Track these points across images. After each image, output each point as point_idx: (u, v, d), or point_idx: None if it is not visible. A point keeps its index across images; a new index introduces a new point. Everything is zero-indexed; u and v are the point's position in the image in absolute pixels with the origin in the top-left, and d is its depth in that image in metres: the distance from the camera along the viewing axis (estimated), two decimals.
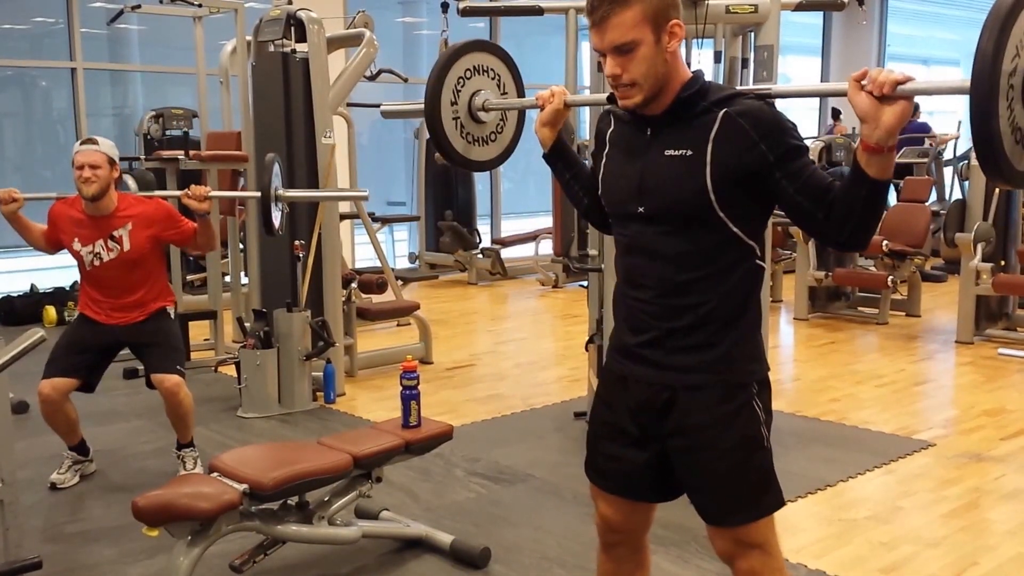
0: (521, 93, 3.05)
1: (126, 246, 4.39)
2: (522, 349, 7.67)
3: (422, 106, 2.88)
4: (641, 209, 2.25)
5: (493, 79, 2.97)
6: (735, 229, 2.20)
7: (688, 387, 2.25)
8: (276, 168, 4.85)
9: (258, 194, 4.88)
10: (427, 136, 10.27)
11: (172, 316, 4.60)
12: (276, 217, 4.86)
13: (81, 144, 4.38)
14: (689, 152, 2.17)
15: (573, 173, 2.62)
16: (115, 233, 4.38)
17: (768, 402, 2.31)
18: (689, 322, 2.24)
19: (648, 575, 2.63)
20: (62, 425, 4.49)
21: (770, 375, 2.35)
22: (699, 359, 2.24)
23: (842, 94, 2.01)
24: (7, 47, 10.14)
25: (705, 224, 2.19)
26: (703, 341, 2.24)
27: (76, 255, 4.46)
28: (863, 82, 1.96)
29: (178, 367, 4.50)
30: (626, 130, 2.34)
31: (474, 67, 2.92)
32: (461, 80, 2.89)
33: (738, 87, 2.31)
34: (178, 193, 4.60)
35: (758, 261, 2.27)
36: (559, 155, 2.61)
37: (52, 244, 4.58)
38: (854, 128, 13.56)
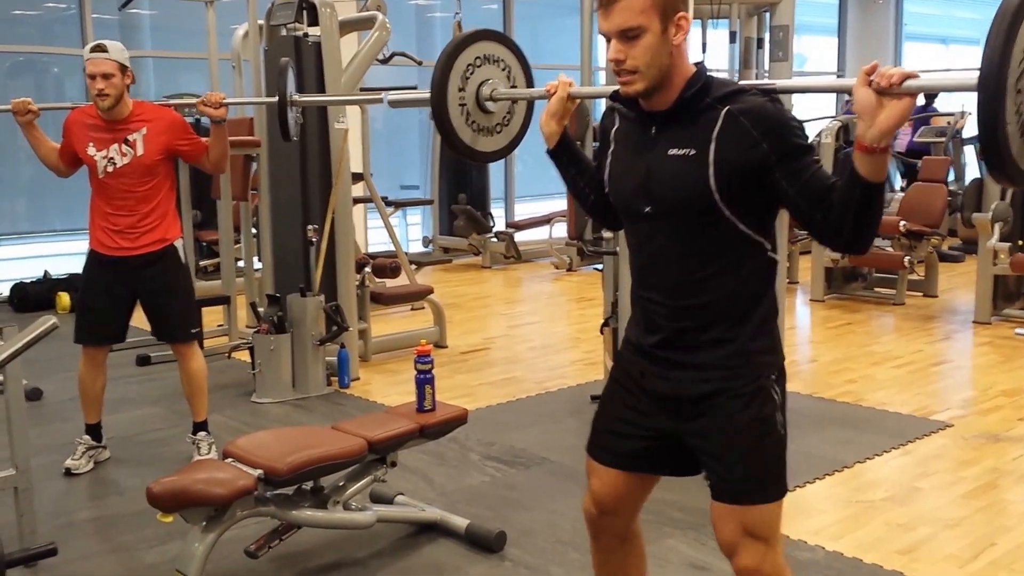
0: (530, 84, 3.01)
1: (139, 151, 4.30)
2: (537, 332, 7.66)
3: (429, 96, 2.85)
4: (648, 209, 2.25)
5: (503, 69, 2.93)
6: (742, 227, 2.19)
7: (704, 381, 2.26)
8: (290, 73, 4.81)
9: (275, 99, 4.81)
10: None
11: (183, 259, 4.53)
12: (291, 122, 4.81)
13: (91, 51, 4.27)
14: (692, 151, 2.16)
15: (578, 169, 2.58)
16: (129, 138, 4.30)
17: (783, 388, 2.30)
18: (702, 321, 2.25)
19: (643, 564, 2.63)
20: (94, 390, 4.54)
21: (787, 356, 2.34)
22: (714, 355, 2.25)
23: (848, 90, 1.98)
24: (18, 33, 10.14)
25: (713, 222, 2.18)
26: (717, 338, 2.24)
27: (90, 162, 4.33)
28: (872, 76, 1.92)
29: (191, 331, 4.55)
30: (631, 128, 2.32)
31: (483, 56, 2.88)
32: (470, 68, 2.84)
33: (742, 82, 2.28)
34: (194, 102, 4.52)
35: (770, 254, 2.27)
36: (564, 150, 2.56)
37: (66, 159, 4.47)
38: None
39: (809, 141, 2.15)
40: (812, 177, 2.08)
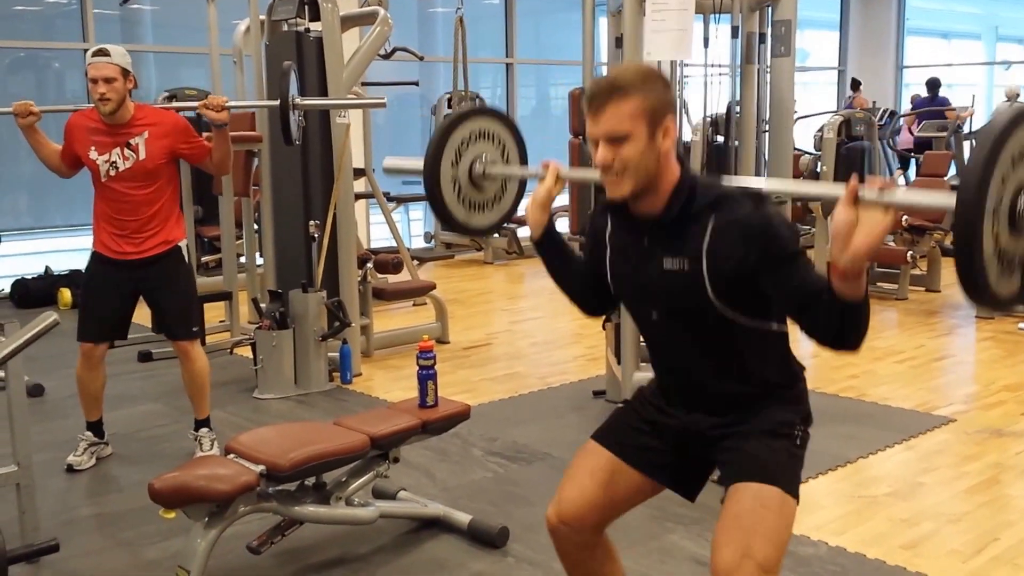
0: (524, 161, 2.98)
1: (142, 154, 4.29)
2: (539, 328, 7.65)
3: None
4: (654, 315, 2.34)
5: (497, 146, 2.90)
6: (745, 322, 2.26)
7: (728, 425, 2.34)
8: (292, 76, 4.80)
9: (276, 102, 4.80)
10: (444, 114, 10.25)
11: (186, 259, 4.52)
12: (293, 126, 4.80)
13: (93, 56, 4.24)
14: (686, 265, 2.21)
15: (562, 259, 2.60)
16: (132, 141, 4.29)
17: (807, 425, 2.42)
18: (719, 400, 2.35)
19: (618, 567, 2.63)
20: (94, 389, 4.52)
21: None
22: (735, 418, 2.32)
23: (833, 198, 1.93)
24: (19, 28, 10.11)
25: (717, 322, 2.25)
26: (737, 407, 2.33)
27: (92, 166, 4.32)
28: (860, 192, 1.89)
29: (192, 329, 4.55)
30: (625, 236, 2.36)
31: (478, 132, 2.85)
32: (464, 143, 2.82)
33: (728, 185, 2.29)
34: (196, 105, 4.50)
35: (777, 330, 2.32)
36: (550, 240, 2.58)
37: (68, 161, 4.46)
38: (874, 102, 13.46)
39: (798, 245, 2.17)
40: (800, 285, 2.10)
